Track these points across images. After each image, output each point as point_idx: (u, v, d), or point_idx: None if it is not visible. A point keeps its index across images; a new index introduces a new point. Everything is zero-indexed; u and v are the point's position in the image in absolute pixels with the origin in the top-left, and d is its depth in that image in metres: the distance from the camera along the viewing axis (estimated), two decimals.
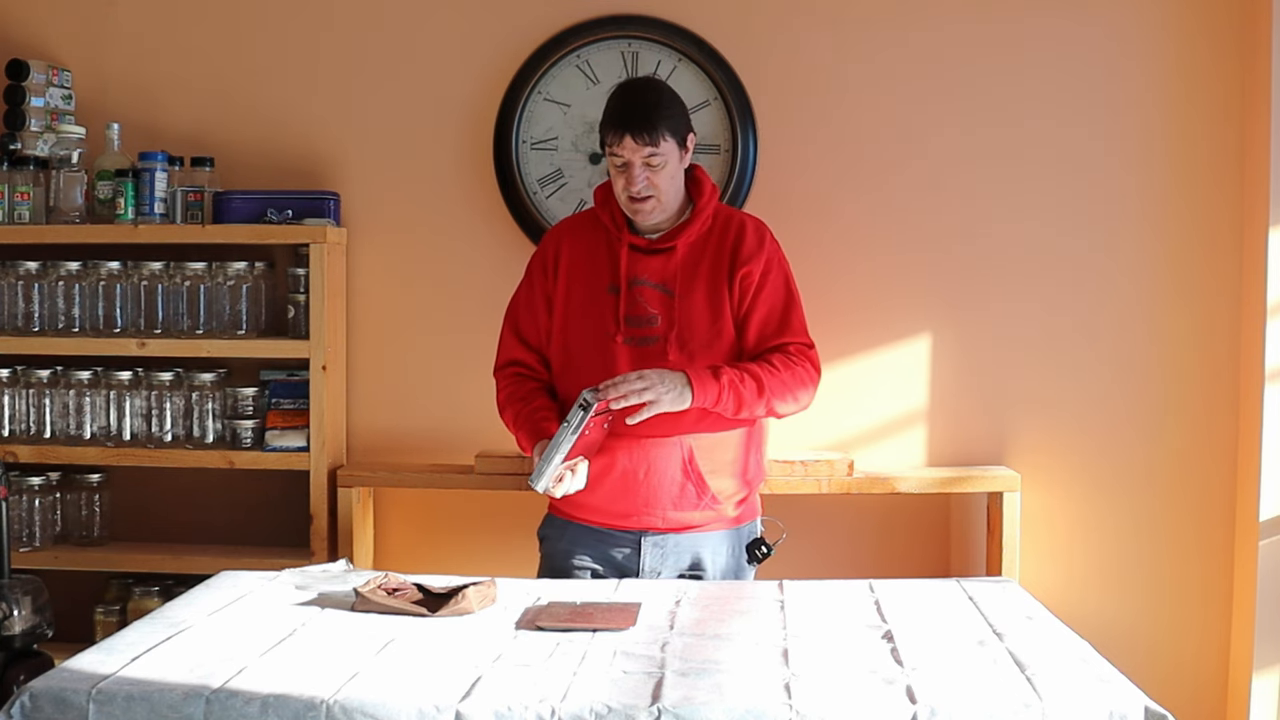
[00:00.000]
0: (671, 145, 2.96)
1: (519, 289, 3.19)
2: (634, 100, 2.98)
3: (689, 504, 3.01)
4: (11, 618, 2.70)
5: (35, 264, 3.78)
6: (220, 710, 2.07)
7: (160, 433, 3.78)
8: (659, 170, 2.96)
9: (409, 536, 3.90)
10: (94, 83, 3.92)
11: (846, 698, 2.08)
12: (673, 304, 3.00)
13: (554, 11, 3.79)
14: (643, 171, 2.95)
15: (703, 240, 3.05)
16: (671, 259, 3.03)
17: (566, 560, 3.07)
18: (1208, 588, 3.77)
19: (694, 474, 2.99)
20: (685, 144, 3.01)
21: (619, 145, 2.94)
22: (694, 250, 3.04)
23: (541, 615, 2.56)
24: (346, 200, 3.87)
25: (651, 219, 3.02)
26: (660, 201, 2.99)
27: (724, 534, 3.06)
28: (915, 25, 3.76)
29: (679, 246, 3.03)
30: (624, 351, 3.00)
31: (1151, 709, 2.05)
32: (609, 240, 3.07)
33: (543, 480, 2.82)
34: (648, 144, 2.93)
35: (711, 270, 3.02)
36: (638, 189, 2.96)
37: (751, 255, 3.03)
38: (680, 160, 3.01)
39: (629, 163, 2.95)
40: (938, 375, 3.81)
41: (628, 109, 2.96)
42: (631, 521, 3.01)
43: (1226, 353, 3.74)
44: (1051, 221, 3.77)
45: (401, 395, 3.91)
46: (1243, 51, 3.68)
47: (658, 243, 3.04)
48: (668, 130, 2.95)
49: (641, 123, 2.92)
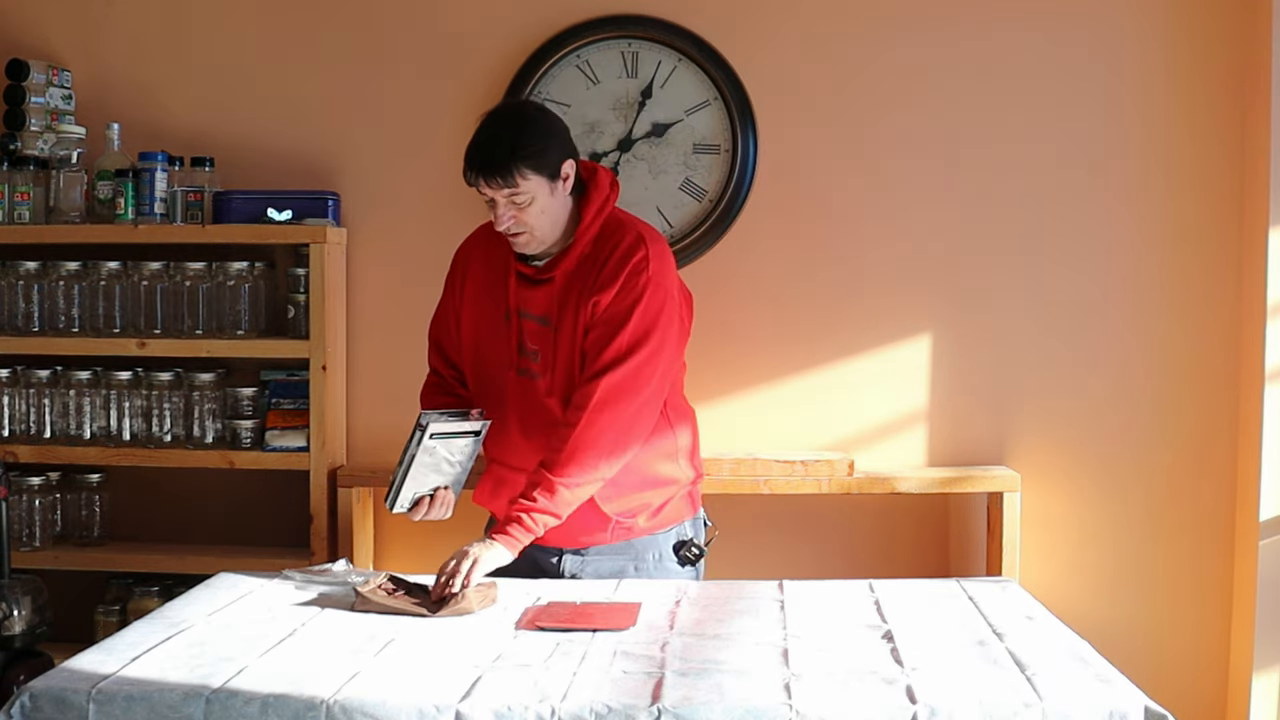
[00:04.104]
0: (536, 181, 2.76)
1: (442, 300, 3.10)
2: (488, 137, 2.78)
3: (595, 528, 2.93)
4: (11, 618, 2.70)
5: (35, 264, 3.78)
6: (220, 710, 2.07)
7: (160, 433, 3.78)
8: (525, 208, 2.77)
9: (409, 536, 3.90)
10: (94, 83, 3.92)
11: (846, 698, 2.08)
12: (551, 338, 2.87)
13: (554, 11, 3.79)
14: (508, 209, 2.78)
15: (579, 268, 2.86)
16: (552, 290, 2.87)
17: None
18: (1208, 588, 3.77)
19: (591, 507, 2.88)
20: (557, 174, 2.80)
21: (475, 184, 2.78)
22: (573, 280, 2.86)
23: (541, 615, 2.56)
24: (346, 200, 3.87)
25: (529, 250, 2.85)
26: (534, 236, 2.82)
27: (644, 541, 2.99)
28: (915, 26, 3.76)
29: (557, 277, 2.86)
30: (515, 386, 2.91)
31: (1151, 709, 2.05)
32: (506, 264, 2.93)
33: (394, 504, 2.86)
34: (503, 186, 2.75)
35: (578, 300, 2.85)
36: (504, 227, 2.80)
37: (606, 283, 2.82)
38: (552, 193, 2.80)
39: (493, 199, 2.78)
40: (938, 375, 3.81)
41: (480, 147, 2.77)
42: (547, 542, 2.90)
43: (1226, 353, 3.74)
44: (1051, 221, 3.77)
45: (401, 395, 3.88)
46: (1243, 52, 3.68)
47: (540, 272, 2.88)
48: (527, 168, 2.74)
49: (492, 165, 2.74)
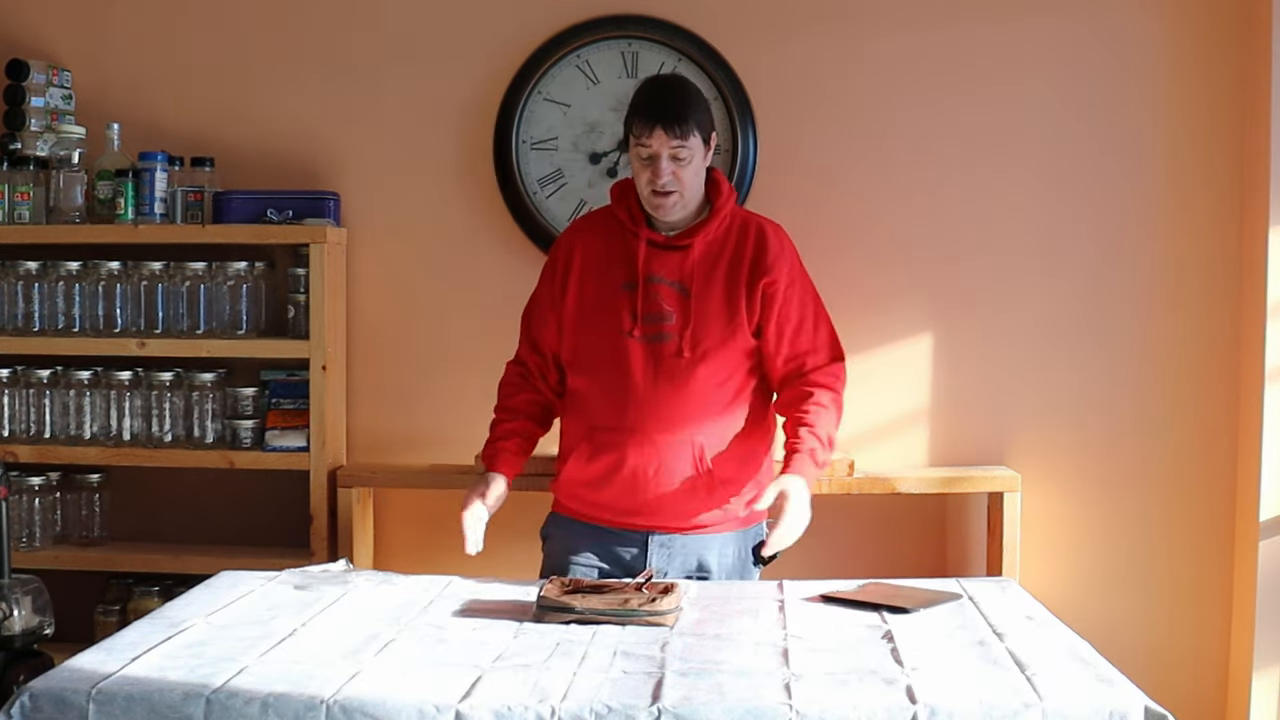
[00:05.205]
0: (698, 141, 2.95)
1: (535, 290, 3.17)
2: (666, 93, 2.98)
3: (699, 503, 2.99)
4: (11, 618, 2.69)
5: (35, 264, 3.78)
6: (220, 710, 2.07)
7: (160, 433, 3.78)
8: (685, 165, 2.94)
9: (409, 536, 3.90)
10: (94, 83, 3.92)
11: (846, 698, 2.08)
12: (688, 302, 2.99)
13: (554, 11, 3.79)
14: (669, 165, 2.92)
15: (720, 241, 3.03)
16: (688, 257, 3.01)
17: (567, 558, 3.06)
18: (1208, 587, 3.77)
19: (704, 472, 2.97)
20: (709, 142, 3.00)
21: (649, 136, 2.91)
22: (711, 250, 3.02)
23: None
24: (346, 200, 3.87)
25: (673, 214, 3.00)
26: (683, 197, 2.97)
27: (731, 535, 3.05)
28: (916, 25, 3.76)
29: (695, 245, 3.01)
30: (638, 348, 2.98)
31: (1151, 709, 2.05)
32: (625, 237, 3.05)
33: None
34: (677, 136, 2.91)
35: (729, 272, 3.01)
36: (663, 182, 2.93)
37: (774, 264, 3.01)
38: (704, 158, 2.99)
39: (656, 154, 2.92)
40: (938, 375, 3.81)
41: (660, 101, 2.95)
42: (639, 520, 3.00)
43: (1226, 353, 3.74)
44: (1052, 221, 3.77)
45: (401, 395, 3.91)
46: (1243, 51, 3.68)
47: (675, 240, 3.02)
48: (696, 126, 2.94)
49: (674, 115, 2.91)
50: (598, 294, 3.04)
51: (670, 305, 3.00)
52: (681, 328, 2.98)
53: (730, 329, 2.99)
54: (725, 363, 2.98)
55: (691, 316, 2.98)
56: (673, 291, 3.00)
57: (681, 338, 2.97)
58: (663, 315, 2.99)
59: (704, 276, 3.00)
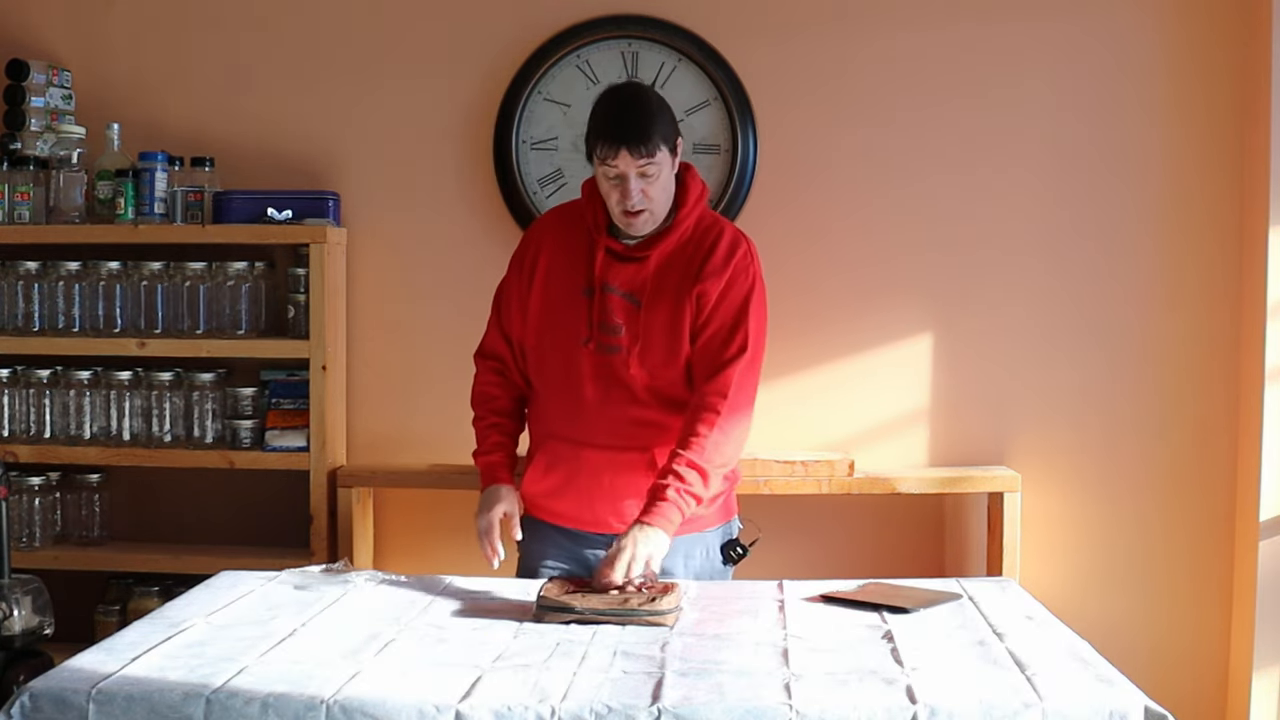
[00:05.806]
0: (665, 154, 2.84)
1: (506, 276, 3.10)
2: (628, 110, 2.85)
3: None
4: (11, 618, 2.69)
5: (35, 264, 3.78)
6: (220, 710, 2.07)
7: (160, 433, 3.78)
8: (653, 181, 2.84)
9: (409, 536, 3.90)
10: (94, 83, 3.92)
11: (846, 698, 2.08)
12: (638, 315, 2.90)
13: (554, 11, 3.79)
14: (638, 183, 2.82)
15: (676, 252, 2.92)
16: (643, 269, 2.91)
17: (537, 561, 3.03)
18: (1208, 588, 3.77)
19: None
20: (675, 151, 2.89)
21: (614, 158, 2.80)
22: (666, 261, 2.92)
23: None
24: (346, 200, 3.87)
25: (644, 230, 2.90)
26: (653, 214, 2.88)
27: (696, 536, 2.99)
28: (916, 26, 3.76)
29: (652, 257, 2.91)
30: (590, 360, 2.92)
31: (1151, 709, 2.05)
32: (589, 239, 2.97)
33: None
34: (644, 156, 2.80)
35: (678, 284, 2.90)
36: (633, 203, 2.84)
37: (713, 273, 2.89)
38: (672, 166, 2.89)
39: (623, 175, 2.82)
40: (938, 375, 3.81)
41: (622, 121, 2.82)
42: (602, 526, 2.95)
43: (1226, 353, 3.74)
44: (1052, 222, 3.77)
45: (401, 395, 3.91)
46: (1243, 52, 3.68)
47: (633, 250, 2.92)
48: (662, 140, 2.82)
49: (638, 135, 2.79)
50: (560, 297, 2.97)
51: (620, 318, 2.91)
52: (630, 342, 2.90)
53: (674, 346, 2.90)
54: (676, 377, 2.91)
55: (640, 332, 2.90)
56: (625, 303, 2.92)
57: (630, 352, 2.90)
58: (614, 328, 2.92)
59: (654, 289, 2.91)
